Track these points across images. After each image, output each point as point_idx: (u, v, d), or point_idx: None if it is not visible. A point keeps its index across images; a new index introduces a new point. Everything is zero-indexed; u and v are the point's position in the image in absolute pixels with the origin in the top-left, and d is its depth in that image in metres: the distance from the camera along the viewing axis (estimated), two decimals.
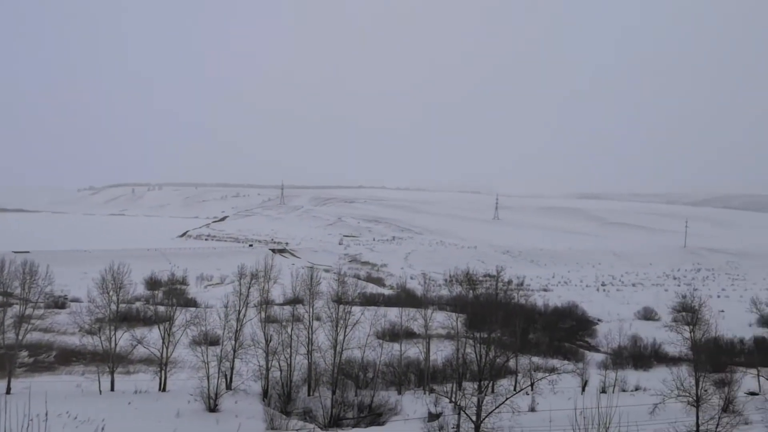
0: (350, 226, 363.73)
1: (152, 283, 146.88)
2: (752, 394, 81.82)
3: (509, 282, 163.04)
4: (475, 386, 48.31)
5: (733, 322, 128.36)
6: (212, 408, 60.82)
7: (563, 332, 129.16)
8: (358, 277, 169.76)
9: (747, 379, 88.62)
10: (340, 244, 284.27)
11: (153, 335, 73.74)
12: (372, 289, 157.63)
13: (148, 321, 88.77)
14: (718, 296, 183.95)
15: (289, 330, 73.52)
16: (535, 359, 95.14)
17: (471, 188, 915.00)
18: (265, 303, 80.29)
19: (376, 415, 68.93)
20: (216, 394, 61.84)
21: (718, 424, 51.69)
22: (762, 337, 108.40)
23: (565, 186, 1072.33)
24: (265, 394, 69.08)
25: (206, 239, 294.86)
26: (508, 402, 45.41)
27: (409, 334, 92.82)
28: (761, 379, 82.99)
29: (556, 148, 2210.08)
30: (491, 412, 42.96)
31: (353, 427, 63.69)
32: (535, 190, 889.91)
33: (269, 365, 70.42)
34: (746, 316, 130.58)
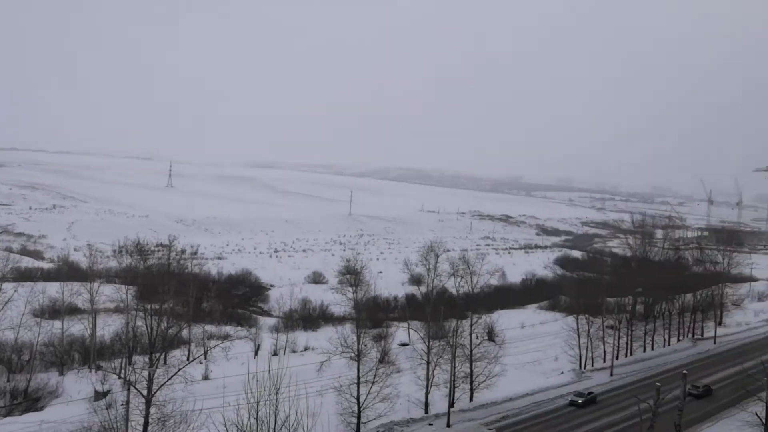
0: (0, 193, 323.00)
1: None
2: (404, 345, 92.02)
3: (183, 251, 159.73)
4: (147, 359, 46.65)
5: (389, 282, 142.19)
6: None
7: (237, 299, 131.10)
8: (10, 250, 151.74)
9: (399, 332, 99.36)
10: None
11: None
12: (28, 263, 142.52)
13: None
14: (378, 259, 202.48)
15: None
16: (209, 327, 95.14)
17: (142, 154, 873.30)
18: None
19: (33, 400, 63.16)
20: None
21: (375, 374, 57.10)
22: (412, 294, 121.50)
23: (240, 154, 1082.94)
24: None
25: None
26: (180, 373, 44.69)
27: (73, 310, 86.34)
28: (411, 331, 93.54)
29: (231, 115, 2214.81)
30: (162, 384, 41.88)
31: (5, 417, 57.52)
32: (211, 158, 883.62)
33: None
34: (400, 275, 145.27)
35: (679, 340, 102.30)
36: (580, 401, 66.22)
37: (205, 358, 77.62)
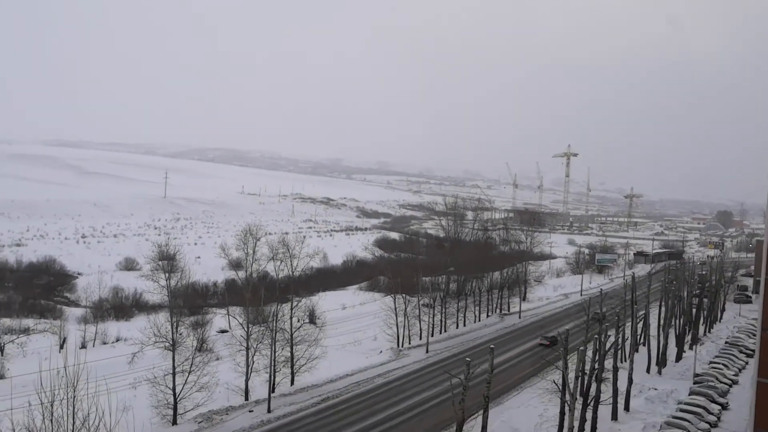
0: None
1: None
2: (223, 331, 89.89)
3: None
4: None
5: (208, 267, 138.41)
6: None
7: (40, 289, 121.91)
8: None
9: (218, 319, 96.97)
10: None
11: None
12: None
13: None
14: (195, 243, 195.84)
15: None
16: (6, 321, 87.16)
17: None
18: None
19: None
20: None
21: (192, 363, 55.05)
22: (232, 279, 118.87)
23: (39, 132, 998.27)
24: None
25: None
26: None
27: None
28: (230, 317, 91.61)
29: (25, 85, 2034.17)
30: None
31: None
32: (5, 135, 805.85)
33: None
34: (219, 261, 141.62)
35: (488, 316, 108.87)
36: None
37: (1, 355, 71.07)
